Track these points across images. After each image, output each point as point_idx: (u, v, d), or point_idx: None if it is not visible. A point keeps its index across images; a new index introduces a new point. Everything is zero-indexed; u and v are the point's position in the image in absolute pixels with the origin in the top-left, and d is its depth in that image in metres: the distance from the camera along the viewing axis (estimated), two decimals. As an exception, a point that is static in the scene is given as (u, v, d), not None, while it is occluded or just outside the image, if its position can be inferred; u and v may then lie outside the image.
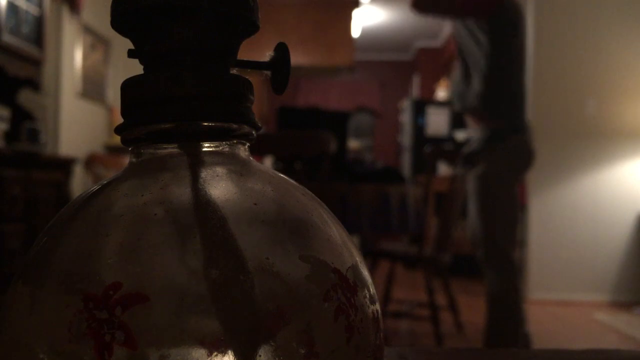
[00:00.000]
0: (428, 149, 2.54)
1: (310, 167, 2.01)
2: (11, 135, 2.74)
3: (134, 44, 0.25)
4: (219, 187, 0.23)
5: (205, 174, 0.23)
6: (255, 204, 0.23)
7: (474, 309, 3.24)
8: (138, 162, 0.25)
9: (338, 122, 2.59)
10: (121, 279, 0.19)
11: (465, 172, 2.32)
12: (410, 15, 6.35)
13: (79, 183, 3.49)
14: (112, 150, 4.11)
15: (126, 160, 0.26)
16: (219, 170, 0.24)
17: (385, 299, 2.95)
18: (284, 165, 2.03)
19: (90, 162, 3.60)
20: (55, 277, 0.21)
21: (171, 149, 0.24)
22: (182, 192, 0.22)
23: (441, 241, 2.57)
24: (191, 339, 0.19)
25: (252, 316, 0.20)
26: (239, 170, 0.24)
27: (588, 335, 3.05)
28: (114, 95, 4.24)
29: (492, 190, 2.15)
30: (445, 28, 6.72)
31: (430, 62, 7.25)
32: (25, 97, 3.07)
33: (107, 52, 4.15)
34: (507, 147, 2.14)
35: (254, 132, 0.25)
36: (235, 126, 0.24)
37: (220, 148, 0.24)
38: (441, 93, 6.19)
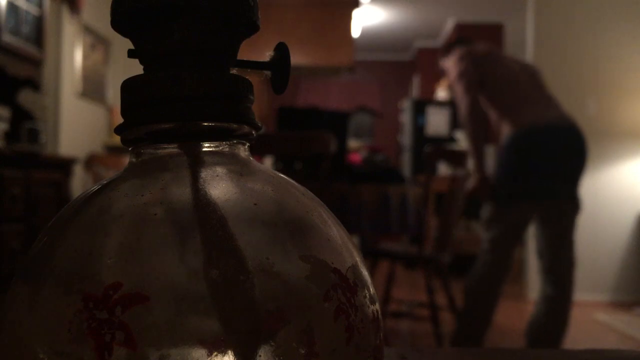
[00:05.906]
0: (428, 149, 2.54)
1: (310, 167, 2.01)
2: (11, 135, 2.73)
3: (134, 44, 0.25)
4: (219, 187, 0.23)
5: (205, 174, 0.23)
6: (255, 204, 0.23)
7: (474, 309, 3.23)
8: (138, 162, 0.25)
9: (338, 122, 2.59)
10: (121, 279, 0.19)
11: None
12: (410, 15, 6.35)
13: (79, 183, 3.49)
14: (112, 150, 4.10)
15: (126, 160, 0.26)
16: (219, 170, 0.24)
17: (385, 299, 2.95)
18: (284, 165, 2.03)
19: (90, 162, 3.60)
20: (55, 277, 0.21)
21: (171, 149, 0.24)
22: (182, 192, 0.22)
23: (441, 241, 2.57)
24: (191, 339, 0.19)
25: (252, 316, 0.20)
26: (239, 170, 0.24)
27: (588, 335, 3.05)
28: (114, 95, 4.24)
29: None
30: (445, 28, 6.72)
31: (430, 62, 7.24)
32: (25, 97, 3.07)
33: (107, 52, 4.15)
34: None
35: (254, 132, 0.25)
36: (235, 126, 0.24)
37: (220, 148, 0.24)
38: (441, 93, 6.19)
